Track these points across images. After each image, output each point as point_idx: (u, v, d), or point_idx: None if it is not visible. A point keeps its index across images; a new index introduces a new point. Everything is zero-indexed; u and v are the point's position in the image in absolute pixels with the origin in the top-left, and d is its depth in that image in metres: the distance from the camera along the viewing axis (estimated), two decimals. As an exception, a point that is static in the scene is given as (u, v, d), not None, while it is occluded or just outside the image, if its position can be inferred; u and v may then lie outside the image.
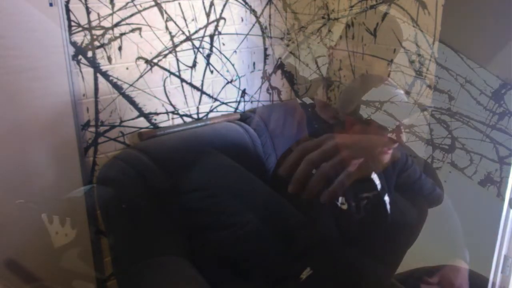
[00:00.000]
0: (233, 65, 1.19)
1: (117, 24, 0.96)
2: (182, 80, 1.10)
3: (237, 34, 1.18)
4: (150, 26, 1.01)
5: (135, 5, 0.97)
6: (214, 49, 1.14)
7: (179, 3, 1.04)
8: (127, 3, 0.96)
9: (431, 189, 0.86)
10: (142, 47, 1.01)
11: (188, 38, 1.08)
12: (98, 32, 0.94)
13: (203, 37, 1.11)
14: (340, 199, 0.62)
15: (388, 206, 0.68)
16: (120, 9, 0.95)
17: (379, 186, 0.61)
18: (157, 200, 0.86)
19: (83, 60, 0.93)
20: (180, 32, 1.06)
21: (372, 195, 0.67)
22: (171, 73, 1.08)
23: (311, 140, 0.57)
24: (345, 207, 0.62)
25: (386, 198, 0.68)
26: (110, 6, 0.94)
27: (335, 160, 0.54)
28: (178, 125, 1.12)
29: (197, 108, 1.16)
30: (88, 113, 0.97)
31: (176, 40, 1.06)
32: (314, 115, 1.23)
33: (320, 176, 0.54)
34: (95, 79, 0.96)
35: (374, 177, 0.62)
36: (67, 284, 0.84)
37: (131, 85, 1.02)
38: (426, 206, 0.88)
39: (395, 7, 1.08)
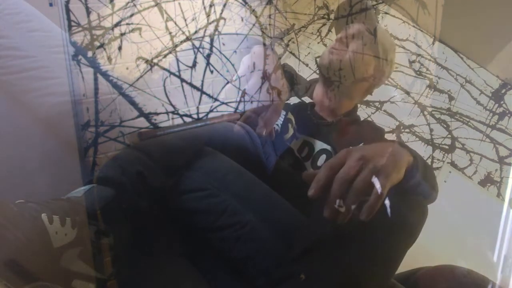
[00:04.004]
0: (233, 65, 1.19)
1: (117, 24, 0.96)
2: (182, 80, 1.10)
3: (237, 34, 1.17)
4: (150, 26, 1.00)
5: (135, 5, 0.97)
6: (214, 49, 1.14)
7: (179, 3, 1.04)
8: (127, 3, 0.96)
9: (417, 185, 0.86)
10: (142, 47, 1.01)
11: (188, 38, 1.08)
12: (98, 32, 0.94)
13: (203, 37, 1.11)
14: (338, 201, 0.61)
15: (388, 210, 0.68)
16: (120, 9, 0.95)
17: (379, 191, 0.61)
18: (157, 200, 0.86)
19: (83, 60, 0.93)
20: (180, 32, 1.06)
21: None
22: (171, 73, 1.07)
23: (335, 158, 0.62)
24: (343, 209, 0.62)
25: (387, 202, 0.67)
26: (110, 6, 0.94)
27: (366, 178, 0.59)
28: (178, 125, 1.12)
29: (197, 108, 1.16)
30: (88, 113, 0.97)
31: (176, 40, 1.06)
32: (313, 114, 1.23)
33: (357, 194, 0.58)
34: (95, 79, 0.96)
35: (375, 180, 0.61)
36: (67, 284, 0.84)
37: (131, 85, 1.01)
38: (426, 206, 0.87)
39: (395, 7, 1.08)
